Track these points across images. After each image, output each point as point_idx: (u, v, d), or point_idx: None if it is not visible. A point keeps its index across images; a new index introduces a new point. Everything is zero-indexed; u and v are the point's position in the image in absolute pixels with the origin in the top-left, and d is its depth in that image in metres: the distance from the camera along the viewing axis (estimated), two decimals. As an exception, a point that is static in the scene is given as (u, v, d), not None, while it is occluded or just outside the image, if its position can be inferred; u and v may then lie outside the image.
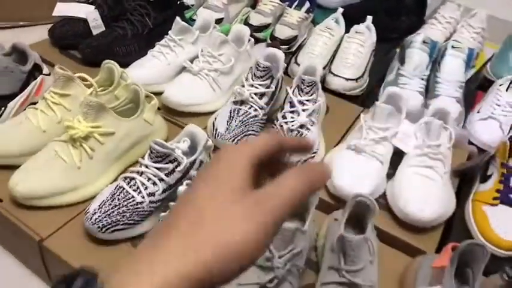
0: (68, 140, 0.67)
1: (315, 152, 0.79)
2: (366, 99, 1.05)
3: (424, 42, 1.03)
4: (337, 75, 1.01)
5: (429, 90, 1.02)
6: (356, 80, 1.02)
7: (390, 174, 0.78)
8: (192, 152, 0.68)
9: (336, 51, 1.09)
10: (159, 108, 0.88)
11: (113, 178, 0.71)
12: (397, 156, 0.79)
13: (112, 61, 0.79)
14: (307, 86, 0.80)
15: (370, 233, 0.59)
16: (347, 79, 1.01)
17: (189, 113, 0.88)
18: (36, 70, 0.83)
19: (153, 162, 0.64)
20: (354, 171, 0.74)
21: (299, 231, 0.56)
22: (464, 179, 0.84)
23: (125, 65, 0.92)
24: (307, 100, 0.81)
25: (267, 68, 0.82)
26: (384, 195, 0.76)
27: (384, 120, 0.78)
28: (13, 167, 0.68)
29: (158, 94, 0.88)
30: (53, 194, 0.65)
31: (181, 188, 0.60)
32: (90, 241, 0.63)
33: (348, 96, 1.02)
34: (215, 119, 0.82)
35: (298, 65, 1.04)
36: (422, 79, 1.01)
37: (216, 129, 0.79)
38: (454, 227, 0.75)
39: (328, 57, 1.07)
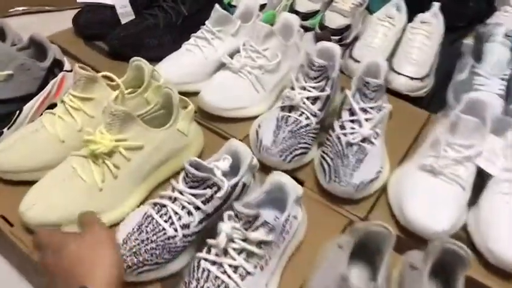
0: (89, 156, 0.57)
1: (380, 172, 0.65)
2: (431, 101, 0.90)
3: (506, 35, 0.86)
4: (400, 74, 0.86)
5: (510, 93, 0.86)
6: (421, 79, 0.87)
7: (470, 201, 0.64)
8: (234, 172, 0.57)
9: (396, 44, 0.94)
10: (195, 112, 0.77)
11: (140, 200, 0.61)
12: (477, 177, 0.65)
13: (141, 58, 0.67)
14: (372, 91, 0.67)
15: (462, 292, 0.46)
16: (412, 78, 0.86)
17: (228, 117, 0.76)
18: (56, 66, 0.72)
19: (189, 187, 0.53)
20: (429, 199, 0.60)
21: (372, 289, 0.44)
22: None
23: (157, 59, 0.81)
24: (371, 107, 0.67)
25: (323, 68, 0.69)
26: (463, 228, 0.62)
27: (467, 136, 0.63)
28: (26, 183, 0.59)
29: (193, 95, 0.76)
30: (70, 222, 0.55)
31: (223, 226, 0.49)
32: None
33: (410, 98, 0.88)
34: (259, 126, 0.70)
35: (354, 60, 0.90)
36: (503, 79, 0.85)
37: (261, 141, 0.67)
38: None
39: (388, 51, 0.92)
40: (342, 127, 0.67)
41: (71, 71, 0.75)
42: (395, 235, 0.48)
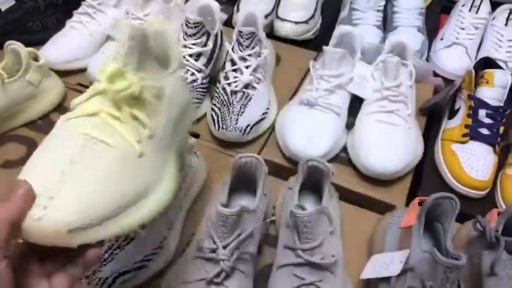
0: (106, 109, 0.37)
1: (265, 113, 0.71)
2: (321, 41, 0.96)
3: (376, -32, 0.92)
4: (285, 20, 0.90)
5: (387, 22, 0.93)
6: (306, 22, 0.92)
7: (351, 124, 0.71)
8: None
9: (281, -8, 0.98)
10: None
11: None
12: (358, 101, 0.72)
13: (16, 42, 0.67)
14: (247, 39, 0.71)
15: (327, 200, 0.52)
16: (296, 22, 0.91)
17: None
18: None
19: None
20: (307, 129, 0.66)
21: (246, 213, 0.49)
22: (432, 117, 0.77)
23: (44, 41, 0.81)
24: (249, 55, 0.71)
25: (199, 24, 0.72)
26: (345, 149, 0.69)
27: (335, 66, 0.69)
28: None
29: (83, 71, 0.78)
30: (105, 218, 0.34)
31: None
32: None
33: (302, 42, 0.93)
34: (150, 90, 0.73)
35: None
36: (379, 11, 0.92)
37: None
38: (424, 172, 0.69)
39: (273, 1, 0.96)
40: (226, 77, 0.72)
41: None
42: (264, 162, 0.54)
